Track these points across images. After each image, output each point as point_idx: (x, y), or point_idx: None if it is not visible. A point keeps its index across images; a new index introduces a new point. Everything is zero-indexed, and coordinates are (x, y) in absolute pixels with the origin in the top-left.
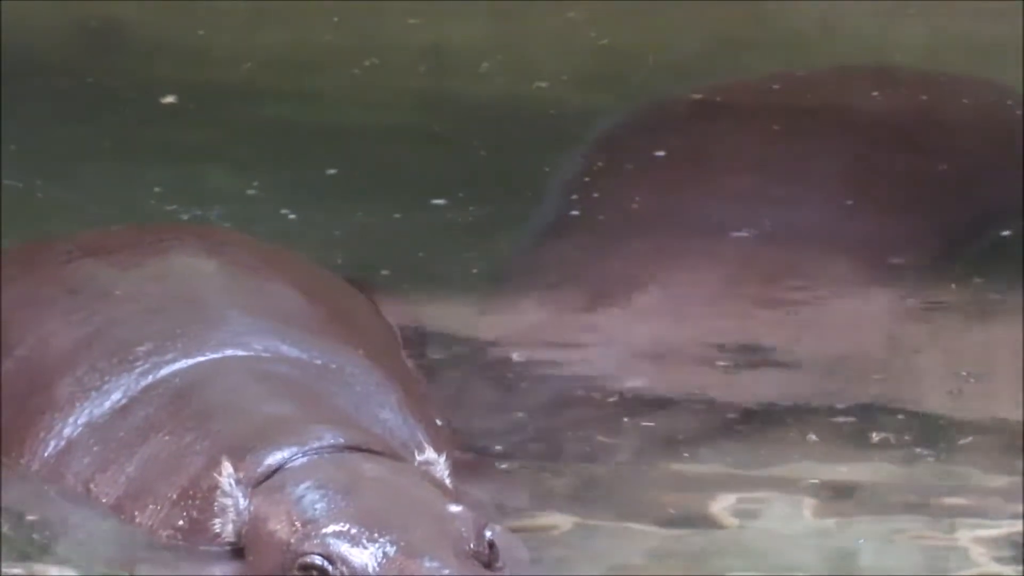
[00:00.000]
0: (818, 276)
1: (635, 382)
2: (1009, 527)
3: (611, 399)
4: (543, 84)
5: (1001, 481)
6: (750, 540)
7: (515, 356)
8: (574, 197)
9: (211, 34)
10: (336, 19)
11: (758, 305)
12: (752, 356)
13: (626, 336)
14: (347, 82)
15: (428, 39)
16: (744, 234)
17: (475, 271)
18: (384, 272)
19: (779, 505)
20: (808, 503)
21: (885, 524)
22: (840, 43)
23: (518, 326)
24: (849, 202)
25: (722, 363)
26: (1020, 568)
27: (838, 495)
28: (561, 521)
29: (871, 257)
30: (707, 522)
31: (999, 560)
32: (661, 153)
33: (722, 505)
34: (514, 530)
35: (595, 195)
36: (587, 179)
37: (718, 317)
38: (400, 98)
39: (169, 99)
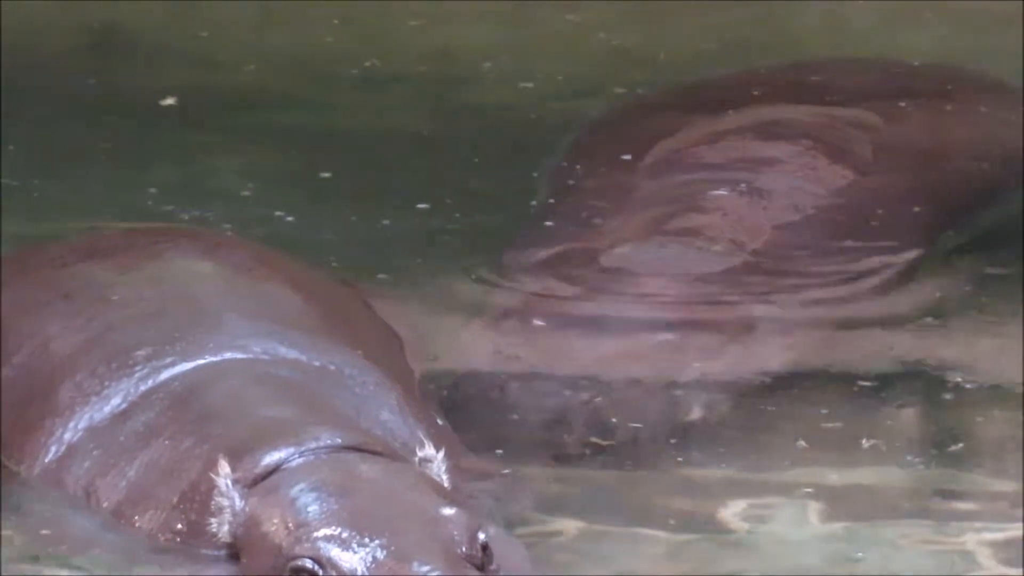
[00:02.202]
0: (812, 268)
1: (633, 384)
2: (1016, 530)
3: (609, 398)
4: (529, 84)
5: (1008, 484)
6: (758, 545)
7: (509, 363)
8: (553, 199)
9: (214, 37)
10: (337, 21)
11: (749, 299)
12: (746, 353)
13: (621, 339)
14: (348, 85)
15: (430, 42)
16: (731, 226)
17: (463, 275)
18: (379, 275)
19: (787, 510)
20: (815, 507)
21: (892, 528)
22: (845, 45)
23: (508, 335)
24: (832, 196)
25: (713, 363)
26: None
27: (845, 499)
28: (568, 526)
29: (869, 251)
30: (715, 527)
31: (1006, 563)
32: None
33: (730, 510)
34: (520, 535)
35: (574, 193)
36: (568, 179)
37: (708, 312)
38: (401, 101)
39: (169, 101)
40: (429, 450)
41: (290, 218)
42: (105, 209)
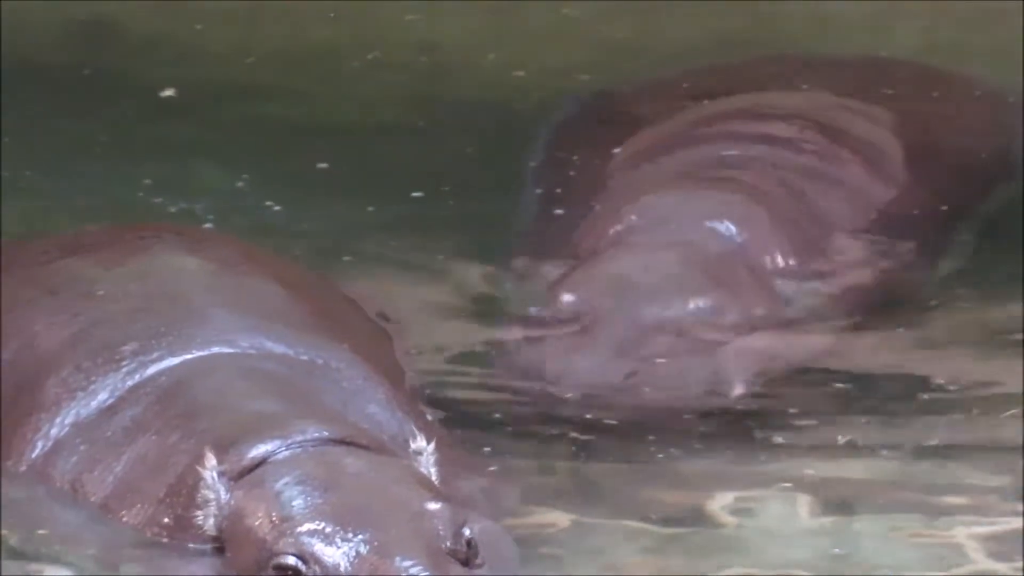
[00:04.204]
0: (800, 262)
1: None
2: (1005, 524)
3: (600, 393)
4: (523, 75)
5: (998, 478)
6: (747, 538)
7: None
8: (544, 190)
9: (208, 30)
10: (332, 15)
11: (741, 290)
12: (745, 348)
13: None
14: (342, 78)
15: (424, 35)
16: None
17: (451, 263)
18: (361, 263)
19: (776, 503)
20: (804, 501)
21: (882, 522)
22: (835, 42)
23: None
24: (827, 188)
25: (706, 358)
26: (1016, 564)
27: (835, 493)
28: (557, 519)
29: (869, 248)
30: (704, 520)
31: (995, 556)
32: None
33: (719, 503)
34: (508, 528)
35: (565, 184)
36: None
37: (701, 303)
38: (395, 94)
39: (168, 92)
40: (420, 442)
41: (277, 207)
42: (95, 201)
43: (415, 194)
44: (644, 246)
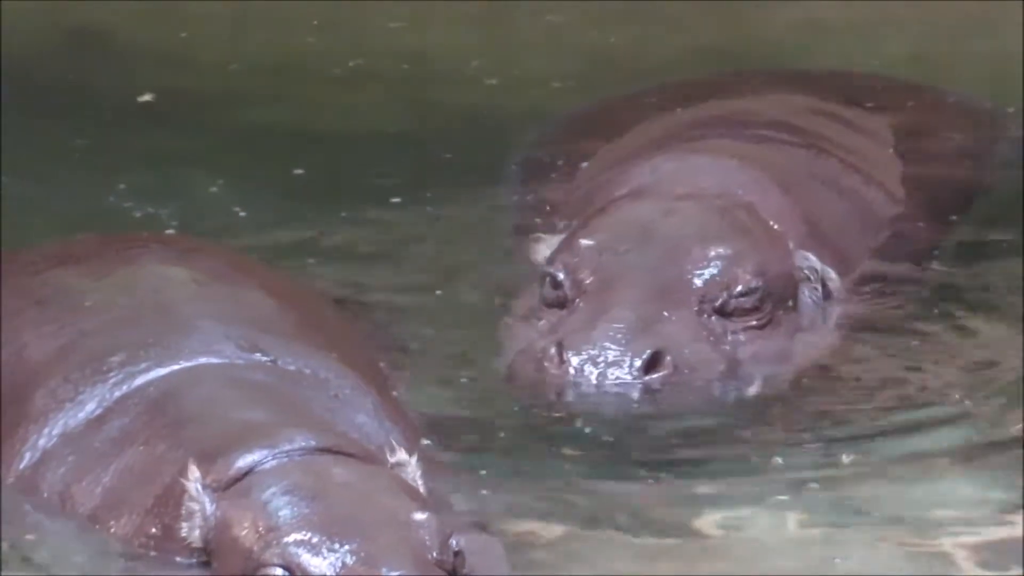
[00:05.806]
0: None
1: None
2: (994, 534)
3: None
4: (508, 83)
5: (989, 489)
6: (736, 549)
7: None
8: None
9: (193, 38)
10: (316, 22)
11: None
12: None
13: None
14: (327, 85)
15: (408, 43)
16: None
17: (418, 269)
18: (329, 270)
19: (764, 514)
20: (793, 512)
21: (871, 532)
22: (821, 50)
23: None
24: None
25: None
26: (1005, 575)
27: (824, 504)
28: (545, 531)
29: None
30: (692, 531)
31: (985, 566)
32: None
33: (708, 514)
34: (497, 539)
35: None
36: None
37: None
38: (378, 101)
39: (146, 97)
40: (401, 455)
41: (243, 213)
42: (69, 207)
43: (394, 200)
44: (658, 196)
